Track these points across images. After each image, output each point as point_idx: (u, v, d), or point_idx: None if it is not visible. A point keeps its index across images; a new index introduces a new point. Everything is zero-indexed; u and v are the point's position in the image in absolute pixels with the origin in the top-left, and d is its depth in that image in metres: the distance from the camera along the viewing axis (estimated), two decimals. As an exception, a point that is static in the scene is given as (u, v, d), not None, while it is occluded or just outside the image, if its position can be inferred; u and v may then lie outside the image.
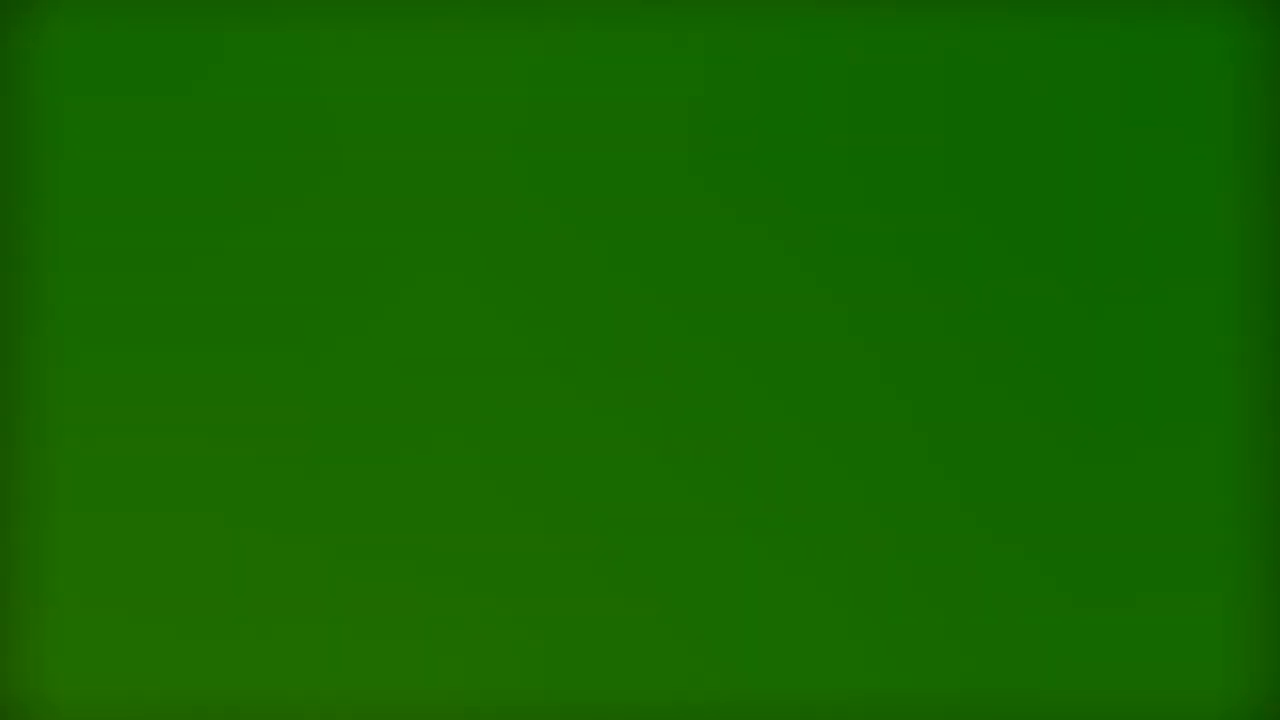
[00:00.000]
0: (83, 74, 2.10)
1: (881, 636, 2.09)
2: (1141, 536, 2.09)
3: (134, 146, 2.11)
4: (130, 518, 2.09)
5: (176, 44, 2.11)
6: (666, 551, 2.10)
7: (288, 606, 2.09)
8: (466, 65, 2.12)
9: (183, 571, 2.09)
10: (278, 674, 2.09)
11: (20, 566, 2.08)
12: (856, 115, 2.11)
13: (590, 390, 2.11)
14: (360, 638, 2.10)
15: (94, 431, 2.09)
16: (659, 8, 2.11)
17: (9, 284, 2.09)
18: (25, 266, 2.10)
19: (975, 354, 2.10)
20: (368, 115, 2.11)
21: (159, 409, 2.10)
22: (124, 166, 2.11)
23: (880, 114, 2.11)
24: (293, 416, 2.10)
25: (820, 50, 2.11)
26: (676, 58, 2.11)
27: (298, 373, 2.10)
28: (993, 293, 2.10)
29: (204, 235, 2.11)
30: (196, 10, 2.10)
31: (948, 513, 2.09)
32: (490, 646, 2.10)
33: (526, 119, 2.12)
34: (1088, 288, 2.10)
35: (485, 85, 2.12)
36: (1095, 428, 2.10)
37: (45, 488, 2.09)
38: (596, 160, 2.12)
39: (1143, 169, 2.11)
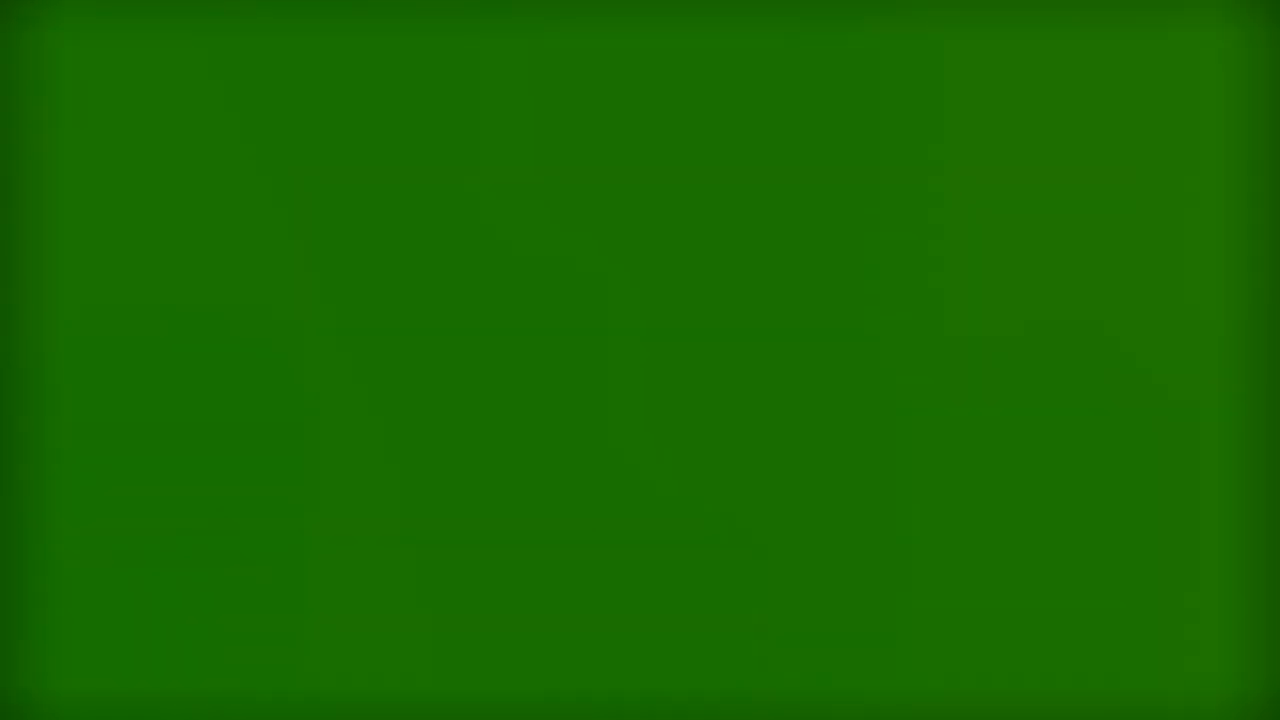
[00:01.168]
0: (83, 74, 2.10)
1: (877, 636, 2.09)
2: (1140, 535, 2.09)
3: (135, 147, 2.10)
4: (131, 516, 2.09)
5: (178, 44, 2.10)
6: (667, 547, 2.10)
7: (290, 606, 2.09)
8: (470, 65, 2.11)
9: (184, 570, 2.09)
10: (280, 673, 2.09)
11: (20, 565, 2.08)
12: (852, 118, 2.11)
13: (590, 391, 2.11)
14: (363, 637, 2.09)
15: (95, 433, 2.09)
16: (661, 8, 2.11)
17: (9, 284, 2.09)
18: (25, 266, 2.09)
19: (972, 355, 2.10)
20: (373, 115, 2.11)
21: (160, 409, 2.09)
22: (125, 167, 2.10)
23: (876, 116, 2.11)
24: (296, 414, 2.10)
25: (811, 52, 2.11)
26: (677, 59, 2.11)
27: (300, 371, 2.10)
28: (991, 294, 2.10)
29: (205, 235, 2.10)
30: (198, 10, 2.10)
31: (944, 510, 2.09)
32: (493, 645, 2.10)
33: (524, 119, 2.12)
34: (1088, 286, 2.10)
35: (489, 85, 2.12)
36: (1094, 427, 2.09)
37: (45, 486, 2.09)
38: (595, 159, 2.12)
39: (1140, 170, 2.10)
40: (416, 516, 2.10)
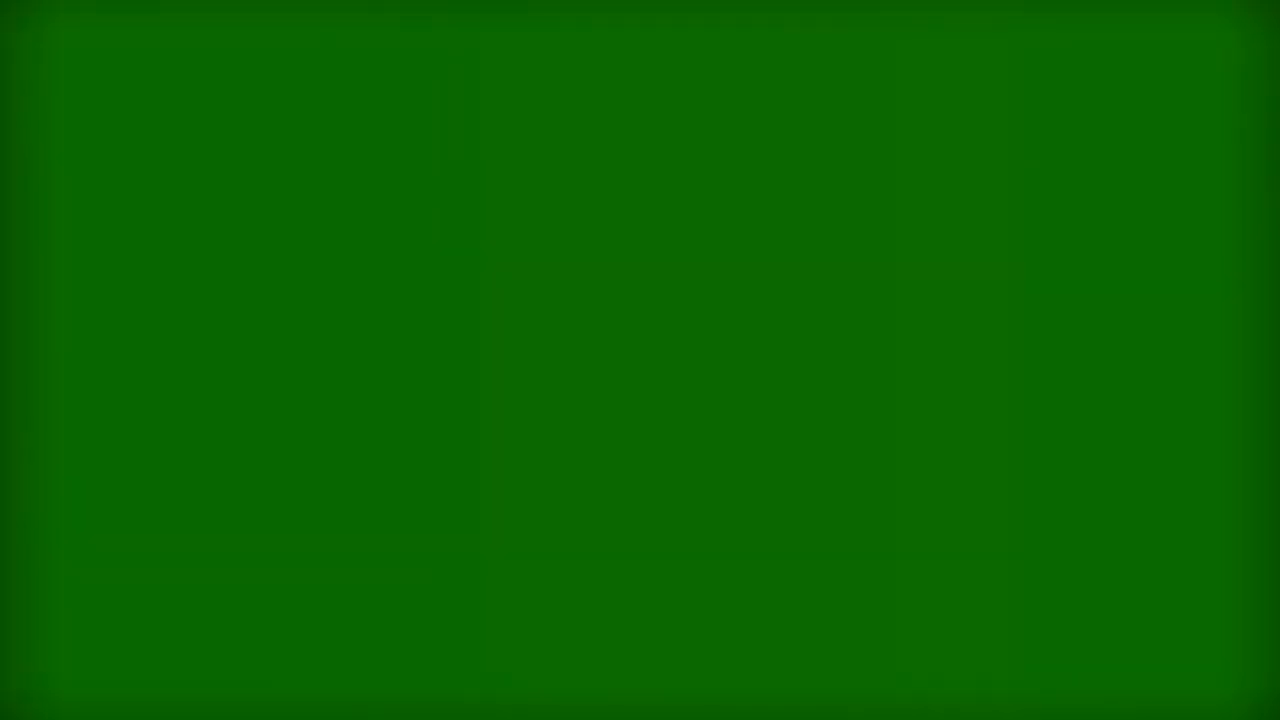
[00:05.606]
0: (84, 74, 2.10)
1: (879, 638, 2.09)
2: (1146, 535, 2.09)
3: (136, 148, 2.11)
4: (131, 520, 2.09)
5: (178, 44, 2.10)
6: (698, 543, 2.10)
7: (290, 609, 2.09)
8: (471, 65, 2.12)
9: (185, 575, 2.09)
10: (281, 677, 2.09)
11: (20, 567, 2.08)
12: (853, 117, 2.11)
13: (605, 391, 2.11)
14: (364, 639, 2.09)
15: (97, 437, 2.09)
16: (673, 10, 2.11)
17: (7, 282, 2.09)
18: (25, 267, 2.09)
19: (974, 354, 2.10)
20: (377, 115, 2.11)
21: (162, 412, 2.09)
22: (126, 168, 2.10)
23: (876, 114, 2.11)
24: (294, 414, 2.10)
25: (812, 51, 2.11)
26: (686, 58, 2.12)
27: (297, 370, 2.10)
28: (993, 294, 2.10)
29: (208, 238, 2.10)
30: (198, 10, 2.10)
31: (951, 512, 2.09)
32: (507, 648, 2.10)
33: (520, 119, 2.12)
34: (1089, 284, 2.11)
35: (490, 85, 2.12)
36: (1098, 427, 2.10)
37: (45, 489, 2.09)
38: (606, 158, 2.12)
39: (1140, 170, 2.11)
40: (416, 518, 2.10)
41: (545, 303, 2.11)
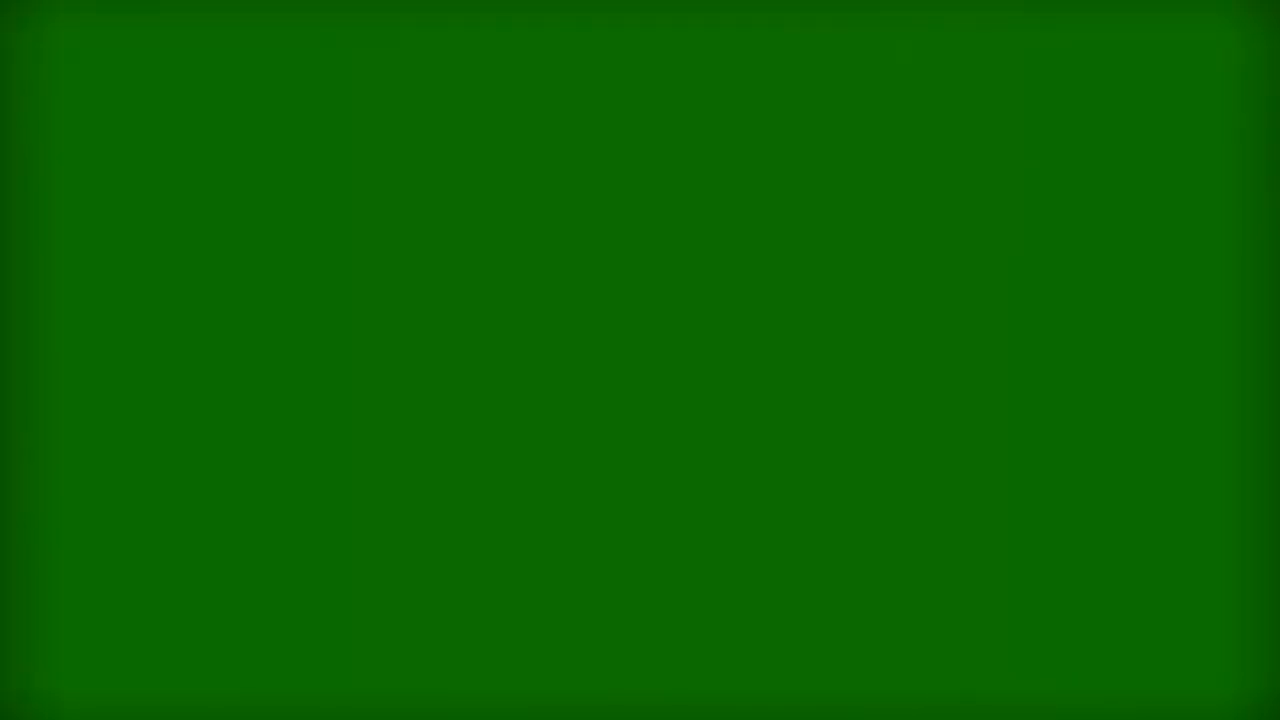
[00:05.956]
0: (84, 74, 2.10)
1: (876, 637, 2.09)
2: (1143, 536, 2.09)
3: (137, 148, 2.11)
4: (132, 518, 2.10)
5: (180, 44, 2.10)
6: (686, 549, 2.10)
7: (291, 609, 2.09)
8: (477, 63, 2.12)
9: (186, 574, 2.09)
10: (282, 677, 2.10)
11: (20, 566, 2.08)
12: (853, 117, 2.11)
13: (602, 390, 2.11)
14: (364, 640, 2.10)
15: (98, 438, 2.09)
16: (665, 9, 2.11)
17: (8, 282, 2.09)
18: (26, 267, 2.10)
19: (975, 354, 2.10)
20: (377, 115, 2.11)
21: (162, 413, 2.09)
22: (127, 168, 2.11)
23: (876, 115, 2.11)
24: (294, 414, 2.10)
25: (814, 50, 2.11)
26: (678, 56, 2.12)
27: (305, 376, 2.10)
28: (992, 292, 2.10)
29: (207, 238, 2.11)
30: (199, 10, 2.10)
31: (948, 511, 2.09)
32: (508, 649, 2.10)
33: (511, 117, 2.12)
34: (1089, 284, 2.10)
35: (497, 83, 2.12)
36: (1096, 427, 2.10)
37: (45, 487, 2.09)
38: (598, 159, 2.12)
39: (1140, 169, 2.11)
40: (417, 521, 2.10)
41: (545, 302, 2.11)
